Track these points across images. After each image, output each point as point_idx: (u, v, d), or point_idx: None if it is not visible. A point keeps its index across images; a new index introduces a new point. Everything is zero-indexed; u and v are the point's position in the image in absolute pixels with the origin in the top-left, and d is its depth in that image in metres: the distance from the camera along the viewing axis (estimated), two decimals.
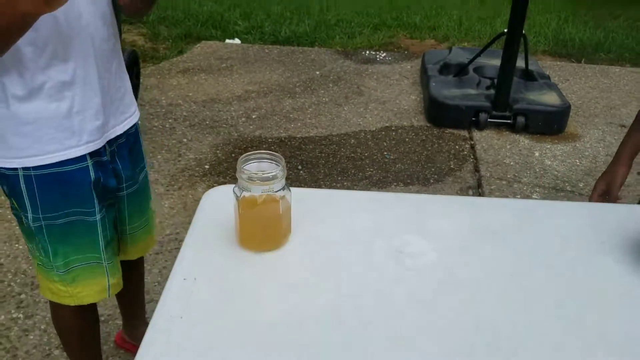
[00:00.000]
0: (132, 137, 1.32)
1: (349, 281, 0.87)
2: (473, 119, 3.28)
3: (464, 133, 3.28)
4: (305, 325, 0.78)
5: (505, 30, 3.20)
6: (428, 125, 3.35)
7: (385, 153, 3.03)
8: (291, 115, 3.39)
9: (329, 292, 0.84)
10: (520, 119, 3.26)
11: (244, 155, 0.92)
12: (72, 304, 1.29)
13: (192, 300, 0.82)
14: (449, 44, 4.72)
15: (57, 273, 1.24)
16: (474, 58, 3.63)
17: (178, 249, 2.00)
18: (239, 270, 0.89)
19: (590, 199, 1.30)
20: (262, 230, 0.94)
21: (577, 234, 1.00)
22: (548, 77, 3.70)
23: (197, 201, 2.47)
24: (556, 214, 1.07)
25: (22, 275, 2.05)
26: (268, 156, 0.92)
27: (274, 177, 0.89)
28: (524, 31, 3.22)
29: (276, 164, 0.91)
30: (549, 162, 3.02)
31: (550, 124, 3.30)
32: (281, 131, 3.21)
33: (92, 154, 1.18)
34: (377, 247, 0.95)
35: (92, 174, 1.18)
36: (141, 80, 3.57)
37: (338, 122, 3.34)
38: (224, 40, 4.78)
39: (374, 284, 0.86)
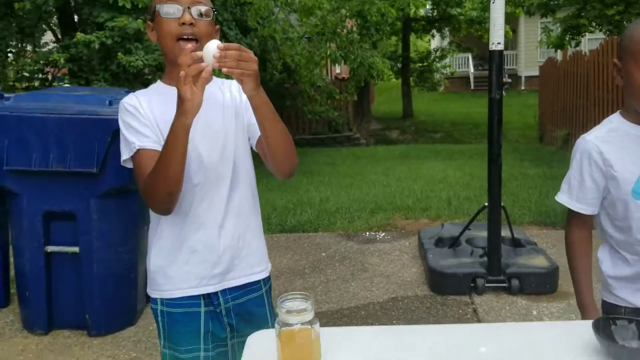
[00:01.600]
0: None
1: None
2: (471, 284, 3.56)
3: (465, 298, 3.53)
4: None
5: (486, 204, 3.63)
6: (431, 293, 3.61)
7: (394, 322, 3.25)
8: None
9: None
10: (515, 282, 3.54)
11: (282, 295, 1.21)
12: None
13: None
14: (441, 221, 5.15)
15: None
16: (464, 229, 4.01)
17: None
18: None
19: None
20: (299, 355, 1.19)
21: None
22: (535, 244, 4.06)
23: None
24: None
25: None
26: (300, 295, 1.21)
27: (306, 309, 1.17)
28: (502, 203, 3.64)
29: (306, 300, 1.20)
30: (547, 319, 3.24)
31: (543, 284, 3.57)
32: None
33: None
34: None
35: None
36: None
37: (347, 297, 3.61)
38: None
39: None
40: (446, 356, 1.21)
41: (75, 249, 2.97)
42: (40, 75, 6.26)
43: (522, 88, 22.10)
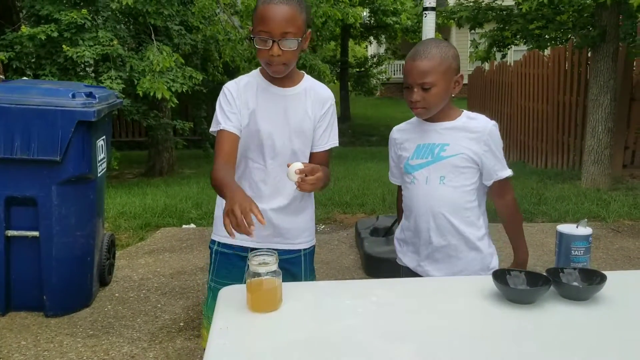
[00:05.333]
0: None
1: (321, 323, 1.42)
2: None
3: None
4: (298, 347, 1.31)
5: None
6: (367, 277, 3.96)
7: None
8: None
9: (312, 329, 1.39)
10: None
11: (252, 252, 1.50)
12: None
13: (231, 336, 1.34)
14: (376, 215, 5.53)
15: None
16: (396, 221, 4.38)
17: None
18: (253, 321, 1.41)
19: None
20: (265, 298, 1.48)
21: None
22: None
23: (177, 351, 2.92)
24: None
25: None
26: (266, 252, 1.50)
27: (271, 262, 1.46)
28: None
29: (271, 255, 1.49)
30: None
31: None
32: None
33: None
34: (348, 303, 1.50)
35: None
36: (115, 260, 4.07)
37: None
38: (181, 226, 5.41)
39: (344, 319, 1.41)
40: (386, 303, 1.54)
41: (35, 233, 3.13)
42: None
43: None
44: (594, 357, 1.20)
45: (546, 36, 7.72)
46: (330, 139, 1.98)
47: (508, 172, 1.88)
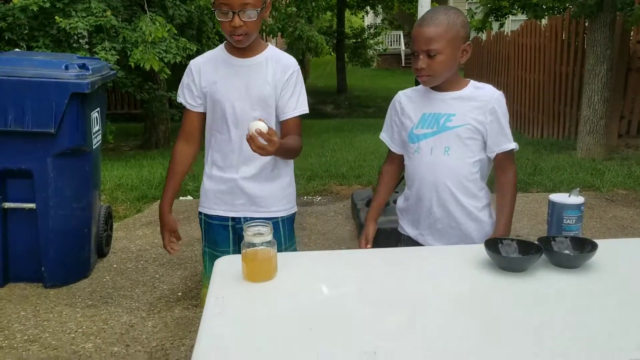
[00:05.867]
0: None
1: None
2: (397, 238, 3.97)
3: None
4: (293, 315, 1.33)
5: None
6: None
7: None
8: None
9: (306, 298, 1.41)
10: None
11: (247, 222, 1.51)
12: None
13: (227, 305, 1.36)
14: (372, 186, 5.56)
15: None
16: (392, 191, 4.41)
17: (165, 356, 2.61)
18: (249, 291, 1.43)
19: (360, 246, 2.03)
20: (260, 267, 1.50)
21: None
22: None
23: (175, 320, 2.96)
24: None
25: None
26: (261, 223, 1.52)
27: (266, 232, 1.47)
28: None
29: (266, 226, 1.50)
30: None
31: None
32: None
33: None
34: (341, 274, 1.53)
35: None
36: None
37: None
38: (178, 198, 5.42)
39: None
40: (379, 271, 1.56)
41: (32, 206, 3.14)
42: None
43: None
44: (584, 322, 1.23)
45: (543, 5, 7.67)
46: (298, 106, 1.99)
47: (513, 145, 1.86)
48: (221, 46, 2.01)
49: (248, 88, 1.94)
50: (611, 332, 1.18)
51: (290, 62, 1.98)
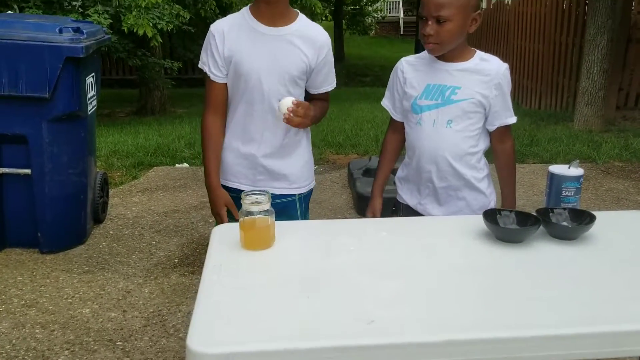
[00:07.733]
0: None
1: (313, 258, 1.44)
2: (393, 207, 3.97)
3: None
4: (290, 283, 1.34)
5: None
6: (358, 217, 4.01)
7: None
8: None
9: (303, 266, 1.41)
10: None
11: (245, 192, 1.50)
12: None
13: (225, 272, 1.36)
14: (369, 156, 5.54)
15: None
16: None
17: (162, 322, 2.62)
18: (247, 259, 1.43)
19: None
20: (257, 236, 1.49)
21: None
22: None
23: (172, 286, 2.97)
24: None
25: None
26: (259, 192, 1.51)
27: (264, 201, 1.47)
28: None
29: (264, 195, 1.50)
30: None
31: None
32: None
33: None
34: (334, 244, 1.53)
35: None
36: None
37: None
38: (174, 165, 5.41)
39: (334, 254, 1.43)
40: (377, 240, 1.56)
41: (27, 171, 3.12)
42: None
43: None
44: (580, 292, 1.23)
45: None
46: (329, 81, 1.98)
47: (513, 120, 1.86)
48: (245, 10, 1.86)
49: (277, 62, 1.83)
50: (607, 301, 1.19)
51: (324, 41, 1.90)
